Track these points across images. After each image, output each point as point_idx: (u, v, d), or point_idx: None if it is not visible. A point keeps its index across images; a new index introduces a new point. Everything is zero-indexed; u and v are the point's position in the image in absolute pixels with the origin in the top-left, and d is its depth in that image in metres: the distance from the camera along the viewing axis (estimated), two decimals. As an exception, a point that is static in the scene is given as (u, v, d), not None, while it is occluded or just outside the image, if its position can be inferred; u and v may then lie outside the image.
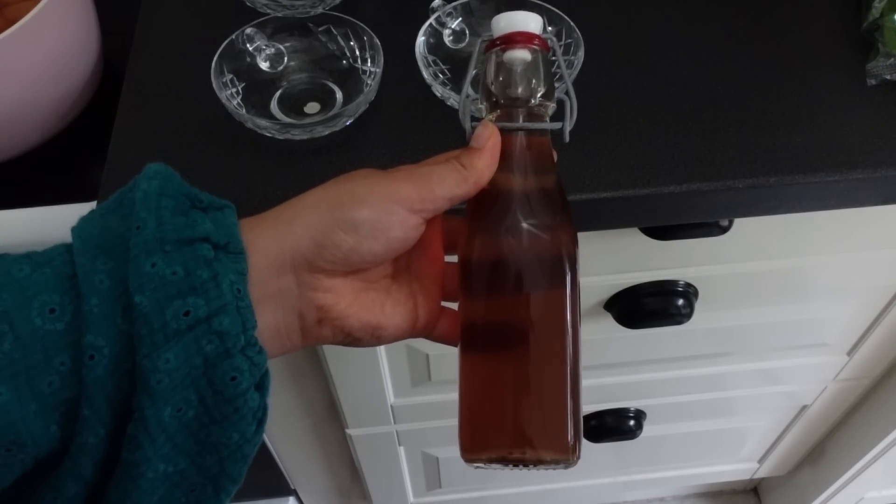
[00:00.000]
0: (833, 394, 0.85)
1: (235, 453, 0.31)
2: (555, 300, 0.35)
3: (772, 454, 1.02)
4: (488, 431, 0.34)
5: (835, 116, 0.49)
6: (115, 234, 0.30)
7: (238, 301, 0.30)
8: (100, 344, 0.28)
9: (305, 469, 0.95)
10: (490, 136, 0.35)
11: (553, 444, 0.33)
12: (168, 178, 0.32)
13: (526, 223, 0.35)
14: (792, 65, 0.52)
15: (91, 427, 0.28)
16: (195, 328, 0.29)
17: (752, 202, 0.48)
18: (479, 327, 0.36)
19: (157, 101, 0.51)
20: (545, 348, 0.34)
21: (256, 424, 0.31)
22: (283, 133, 0.47)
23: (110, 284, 0.29)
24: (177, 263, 0.29)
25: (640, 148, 0.48)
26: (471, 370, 0.36)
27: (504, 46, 0.36)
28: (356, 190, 0.33)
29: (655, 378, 0.77)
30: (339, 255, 0.32)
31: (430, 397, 0.75)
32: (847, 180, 0.47)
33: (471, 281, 0.36)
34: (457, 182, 0.34)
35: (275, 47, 0.51)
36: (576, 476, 1.04)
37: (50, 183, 0.54)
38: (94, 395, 0.28)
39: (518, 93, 0.36)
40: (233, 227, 0.31)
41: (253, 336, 0.30)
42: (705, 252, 0.59)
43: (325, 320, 0.34)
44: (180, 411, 0.29)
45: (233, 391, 0.30)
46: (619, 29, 0.54)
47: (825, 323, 0.71)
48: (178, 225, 0.30)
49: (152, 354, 0.28)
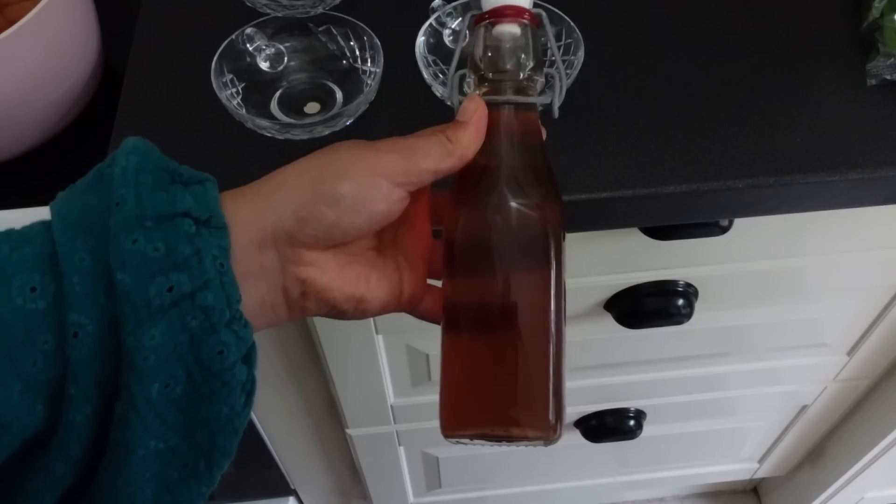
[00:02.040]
0: (833, 394, 0.85)
1: (226, 427, 0.31)
2: (539, 278, 0.34)
3: (772, 454, 1.02)
4: (470, 408, 0.34)
5: (835, 116, 0.49)
6: (95, 212, 0.30)
7: (221, 276, 0.30)
8: (83, 322, 0.28)
9: (305, 469, 0.95)
10: (476, 110, 0.35)
11: (535, 422, 0.33)
12: (147, 152, 0.31)
13: (511, 200, 0.34)
14: (792, 65, 0.52)
15: (78, 405, 0.28)
16: (179, 304, 0.29)
17: (752, 202, 0.48)
18: (461, 304, 0.35)
19: (157, 101, 0.51)
20: (529, 326, 0.34)
21: (245, 397, 0.31)
22: (283, 133, 0.47)
23: (91, 263, 0.28)
24: (158, 240, 0.29)
25: (640, 148, 0.48)
26: (453, 347, 0.35)
27: (493, 20, 0.36)
28: (339, 163, 0.32)
29: (655, 378, 0.77)
30: (321, 230, 0.32)
31: (430, 397, 0.75)
32: (847, 180, 0.47)
33: (454, 257, 0.35)
34: (441, 155, 0.34)
35: (275, 47, 0.51)
36: (576, 476, 1.04)
37: (50, 183, 0.53)
38: (80, 373, 0.28)
39: (506, 67, 0.36)
40: (214, 202, 0.31)
41: (238, 310, 0.30)
42: (705, 252, 0.59)
43: (308, 293, 0.33)
44: (168, 387, 0.29)
45: (220, 365, 0.29)
46: (619, 29, 0.54)
47: (825, 323, 0.71)
48: (158, 201, 0.29)
49: (137, 332, 0.28)
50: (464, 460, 0.92)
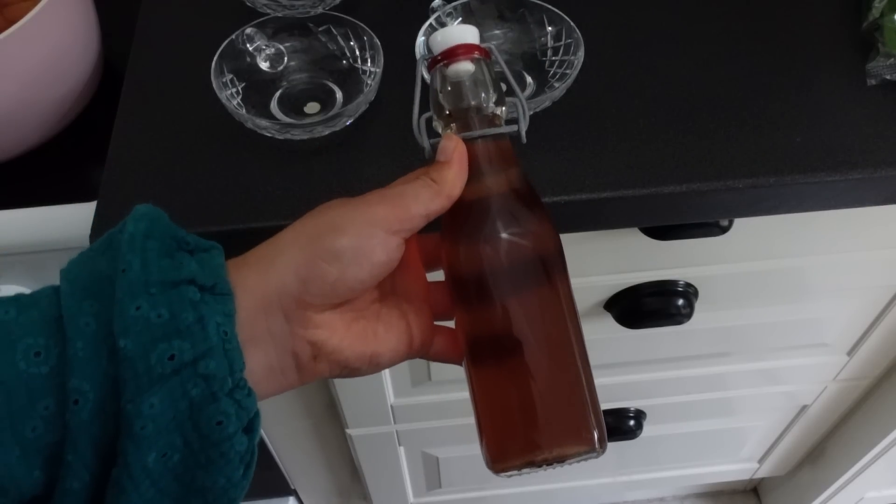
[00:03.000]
0: (833, 394, 0.85)
1: (221, 497, 0.31)
2: (552, 296, 0.35)
3: (772, 454, 1.02)
4: (513, 439, 0.34)
5: (835, 116, 0.49)
6: (103, 276, 0.30)
7: (225, 343, 0.29)
8: (84, 388, 0.28)
9: (305, 469, 0.95)
10: (455, 148, 0.35)
11: (578, 438, 0.34)
12: (155, 219, 0.31)
13: (507, 226, 0.35)
14: (792, 65, 0.52)
15: (75, 472, 0.28)
16: (180, 372, 0.28)
17: (752, 202, 0.48)
18: (481, 337, 0.36)
19: (157, 101, 0.51)
20: (551, 345, 0.34)
21: (244, 468, 0.31)
22: (283, 133, 0.47)
23: (96, 327, 0.28)
24: (162, 306, 0.29)
25: (640, 148, 0.48)
26: (483, 381, 0.36)
27: (447, 61, 0.37)
28: (334, 219, 0.33)
29: (655, 378, 0.77)
30: (326, 287, 0.32)
31: (430, 397, 0.75)
32: (847, 180, 0.47)
33: (465, 293, 0.36)
34: (430, 197, 0.34)
35: (275, 47, 0.51)
36: (576, 476, 1.04)
37: (50, 183, 0.54)
38: (79, 439, 0.28)
39: (470, 103, 0.37)
40: (219, 269, 0.31)
41: (241, 378, 0.30)
42: (705, 252, 0.59)
43: (320, 356, 0.33)
44: (165, 456, 0.29)
45: (219, 435, 0.29)
46: (619, 29, 0.54)
47: (825, 323, 0.71)
48: (164, 267, 0.30)
49: (136, 399, 0.28)
50: (464, 460, 0.92)
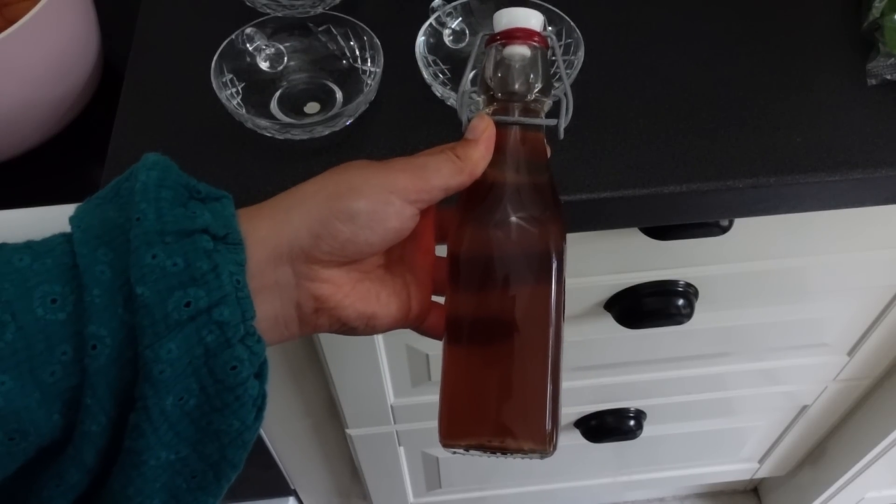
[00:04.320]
0: (833, 394, 0.85)
1: (236, 440, 0.31)
2: (540, 294, 0.35)
3: (772, 454, 1.02)
4: (469, 419, 0.35)
5: (835, 116, 0.49)
6: (115, 225, 0.30)
7: (237, 292, 0.30)
8: (102, 334, 0.28)
9: (305, 469, 0.95)
10: (485, 129, 0.36)
11: (531, 435, 0.34)
12: (166, 168, 0.32)
13: (515, 217, 0.35)
14: (792, 65, 0.52)
15: (94, 415, 0.29)
16: (196, 319, 0.29)
17: (752, 202, 0.48)
18: (463, 318, 0.36)
19: (157, 100, 0.51)
20: (528, 341, 0.35)
21: (256, 412, 0.32)
22: (283, 133, 0.47)
23: (111, 275, 0.29)
24: (177, 255, 0.29)
25: (640, 148, 0.48)
26: (454, 359, 0.36)
27: (504, 42, 0.37)
28: (353, 180, 0.33)
29: (655, 378, 0.77)
30: (336, 246, 0.33)
31: (431, 397, 0.75)
32: (847, 180, 0.47)
33: (458, 272, 0.36)
34: (452, 173, 0.34)
35: (275, 47, 0.51)
36: (576, 476, 1.04)
37: (50, 183, 0.54)
38: (97, 384, 0.28)
39: (515, 87, 0.37)
40: (231, 218, 0.32)
41: (252, 326, 0.31)
42: (705, 252, 0.59)
43: (322, 310, 0.34)
44: (182, 400, 0.30)
45: (233, 380, 0.30)
46: (619, 29, 0.55)
47: (825, 323, 0.71)
48: (178, 216, 0.30)
49: (154, 345, 0.28)
50: (464, 460, 0.92)
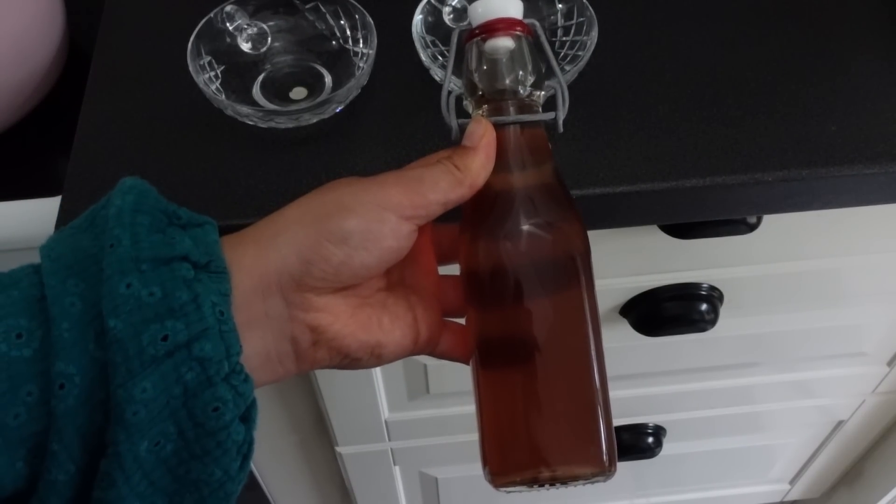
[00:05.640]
0: (871, 408, 0.85)
1: (217, 491, 0.31)
2: (574, 303, 0.35)
3: (804, 474, 1.02)
4: (517, 451, 0.34)
5: (874, 103, 0.49)
6: (88, 254, 0.30)
7: (221, 324, 0.30)
8: (70, 372, 0.28)
9: (291, 490, 0.95)
10: (484, 134, 0.35)
11: (587, 458, 0.34)
12: (144, 193, 0.32)
13: (533, 224, 0.35)
14: (827, 45, 0.52)
15: (61, 463, 0.28)
16: (174, 354, 0.29)
17: (783, 197, 0.48)
18: (495, 340, 0.36)
19: (128, 85, 0.51)
20: (569, 355, 0.34)
21: (241, 460, 0.31)
22: (266, 121, 0.47)
23: (82, 307, 0.29)
24: (154, 284, 0.29)
25: (660, 138, 0.48)
26: (491, 387, 0.36)
27: (484, 35, 0.36)
28: (343, 199, 0.33)
29: (676, 391, 0.77)
30: (329, 271, 0.32)
31: (429, 412, 0.75)
32: (887, 173, 0.47)
33: (481, 292, 0.36)
34: (451, 185, 0.34)
35: (257, 26, 0.51)
36: (589, 498, 1.04)
37: (9, 176, 0.54)
38: (65, 427, 0.28)
39: (506, 84, 0.36)
40: (214, 245, 0.32)
41: (238, 363, 0.30)
42: (731, 252, 0.59)
43: (320, 342, 0.34)
44: (157, 445, 0.29)
45: (215, 423, 0.30)
46: (635, 6, 0.54)
47: (863, 330, 0.71)
48: (155, 242, 0.30)
49: (128, 383, 0.28)
50: (465, 481, 0.92)
